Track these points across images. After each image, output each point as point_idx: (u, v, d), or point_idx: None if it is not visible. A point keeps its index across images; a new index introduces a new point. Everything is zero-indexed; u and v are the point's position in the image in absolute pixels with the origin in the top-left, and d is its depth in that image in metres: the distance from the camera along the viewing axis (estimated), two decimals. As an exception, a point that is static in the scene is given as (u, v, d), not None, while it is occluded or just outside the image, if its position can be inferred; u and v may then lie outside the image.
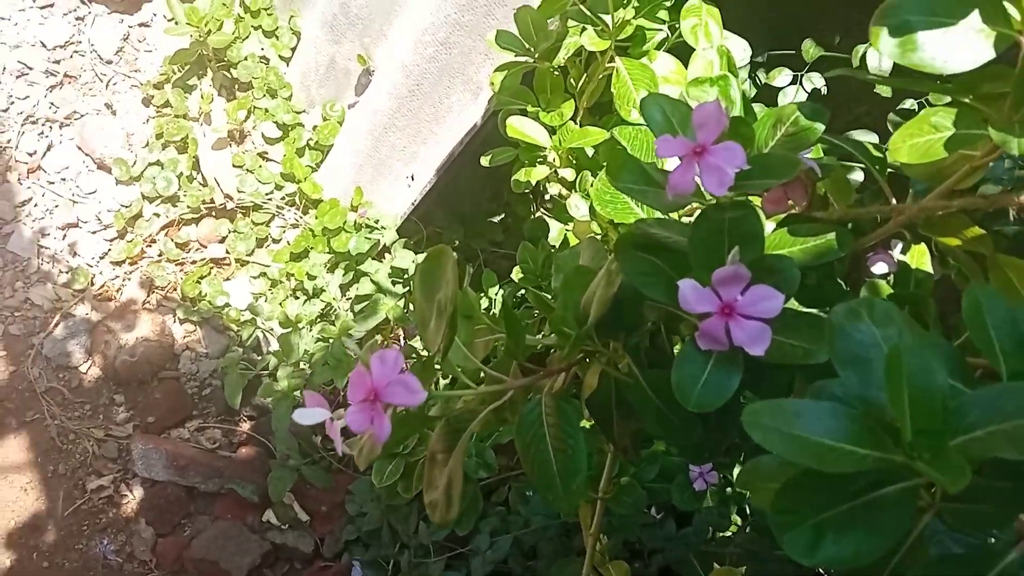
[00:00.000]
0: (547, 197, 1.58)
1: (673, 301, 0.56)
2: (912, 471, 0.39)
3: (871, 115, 1.32)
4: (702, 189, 0.56)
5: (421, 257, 1.48)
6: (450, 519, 0.64)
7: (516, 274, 1.31)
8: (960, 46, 0.46)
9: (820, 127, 0.54)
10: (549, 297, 0.81)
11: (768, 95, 1.43)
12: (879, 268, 0.64)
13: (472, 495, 1.31)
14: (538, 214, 1.58)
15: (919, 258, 0.56)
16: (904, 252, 0.56)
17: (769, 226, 0.64)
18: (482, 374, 0.68)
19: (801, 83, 1.39)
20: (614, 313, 0.65)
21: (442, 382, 1.03)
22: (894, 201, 0.57)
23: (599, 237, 1.02)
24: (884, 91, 1.25)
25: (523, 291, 1.33)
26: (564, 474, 0.63)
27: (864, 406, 0.41)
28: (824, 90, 1.37)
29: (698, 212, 0.58)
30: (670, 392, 0.57)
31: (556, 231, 1.41)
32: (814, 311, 0.60)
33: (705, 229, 0.57)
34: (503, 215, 1.64)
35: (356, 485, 1.35)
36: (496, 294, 1.38)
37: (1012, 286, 0.49)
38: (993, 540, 0.43)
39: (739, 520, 1.24)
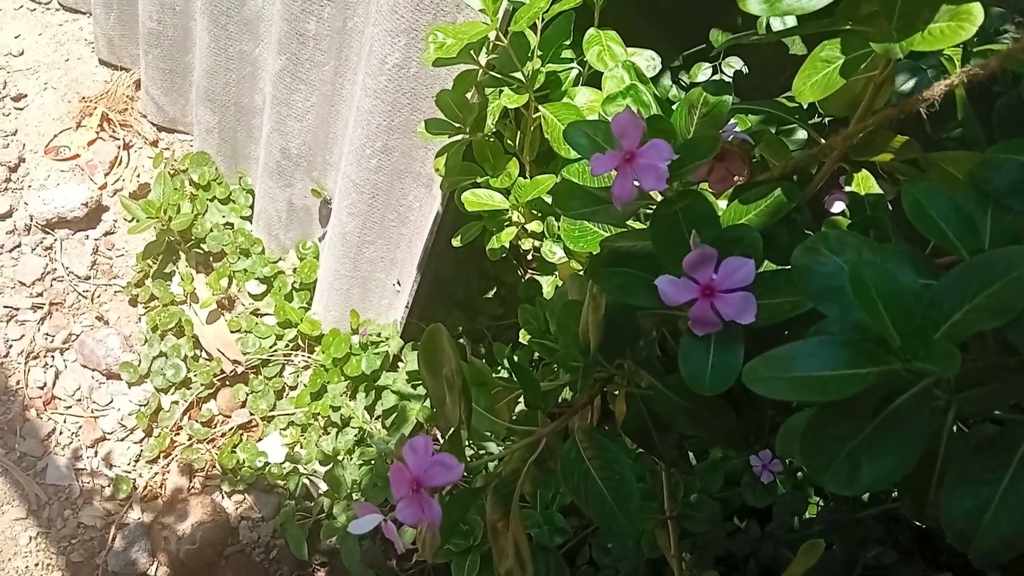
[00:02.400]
0: (529, 257, 1.61)
1: (659, 302, 0.58)
2: (913, 374, 0.40)
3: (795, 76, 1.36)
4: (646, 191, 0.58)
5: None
6: (528, 580, 0.64)
7: (523, 337, 1.33)
8: (818, -17, 0.49)
9: (728, 98, 0.57)
10: (554, 344, 0.83)
11: (697, 92, 1.48)
12: (837, 207, 0.66)
13: (556, 565, 1.30)
14: (527, 276, 1.61)
15: (864, 183, 0.58)
16: (849, 183, 0.59)
17: (722, 204, 0.66)
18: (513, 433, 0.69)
19: (721, 70, 1.43)
20: (612, 332, 0.66)
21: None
22: (823, 141, 0.60)
23: (581, 273, 1.04)
24: (799, 50, 1.29)
25: (535, 351, 1.34)
26: (620, 501, 0.63)
27: (852, 330, 0.43)
28: (745, 69, 1.42)
29: (651, 213, 0.60)
30: (690, 389, 0.57)
31: (548, 285, 1.43)
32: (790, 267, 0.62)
33: (662, 226, 0.59)
34: (495, 288, 1.67)
35: (443, 593, 1.34)
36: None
37: (951, 176, 0.51)
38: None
39: (816, 498, 1.23)
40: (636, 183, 0.57)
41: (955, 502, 0.42)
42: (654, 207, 0.60)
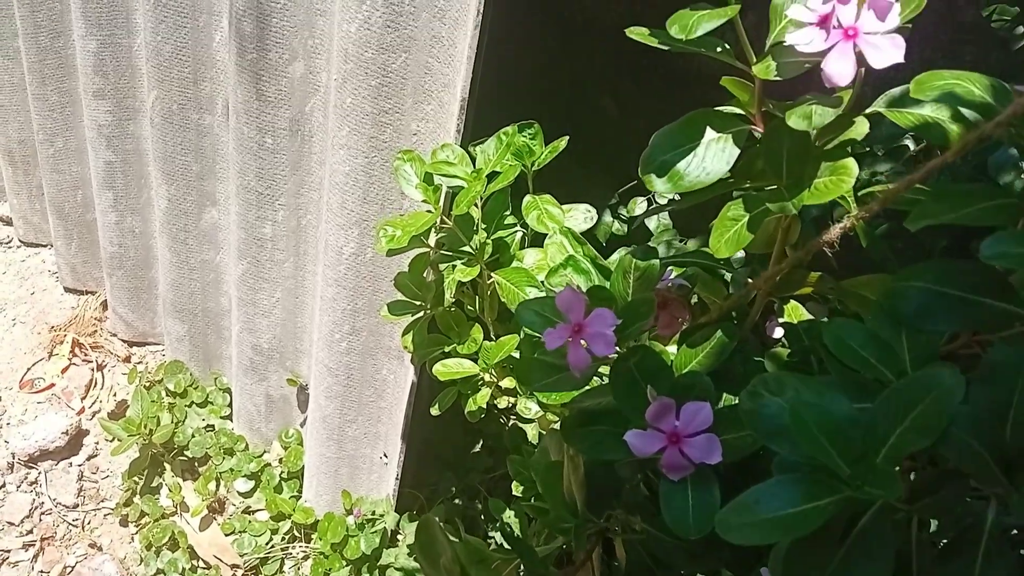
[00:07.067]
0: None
1: (630, 454, 0.61)
2: (868, 497, 0.44)
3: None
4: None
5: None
6: None
7: (516, 489, 1.34)
8: (711, 158, 0.56)
9: (655, 262, 0.63)
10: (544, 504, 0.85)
11: (639, 225, 1.57)
12: (778, 332, 0.71)
13: None
14: (510, 423, 1.63)
15: (794, 312, 0.63)
16: (782, 315, 0.64)
17: (672, 349, 0.71)
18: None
19: (656, 201, 1.52)
20: (595, 487, 0.70)
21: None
22: (750, 280, 0.65)
23: (559, 424, 1.07)
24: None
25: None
26: (632, 652, 0.64)
27: (805, 464, 0.47)
28: (676, 195, 1.51)
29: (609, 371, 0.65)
30: (678, 532, 0.60)
31: (531, 430, 1.46)
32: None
33: (620, 383, 0.63)
34: (481, 441, 1.69)
35: None
36: (509, 516, 1.40)
37: (867, 300, 0.56)
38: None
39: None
40: (587, 350, 0.62)
41: (936, 606, 0.45)
42: (611, 366, 0.64)
